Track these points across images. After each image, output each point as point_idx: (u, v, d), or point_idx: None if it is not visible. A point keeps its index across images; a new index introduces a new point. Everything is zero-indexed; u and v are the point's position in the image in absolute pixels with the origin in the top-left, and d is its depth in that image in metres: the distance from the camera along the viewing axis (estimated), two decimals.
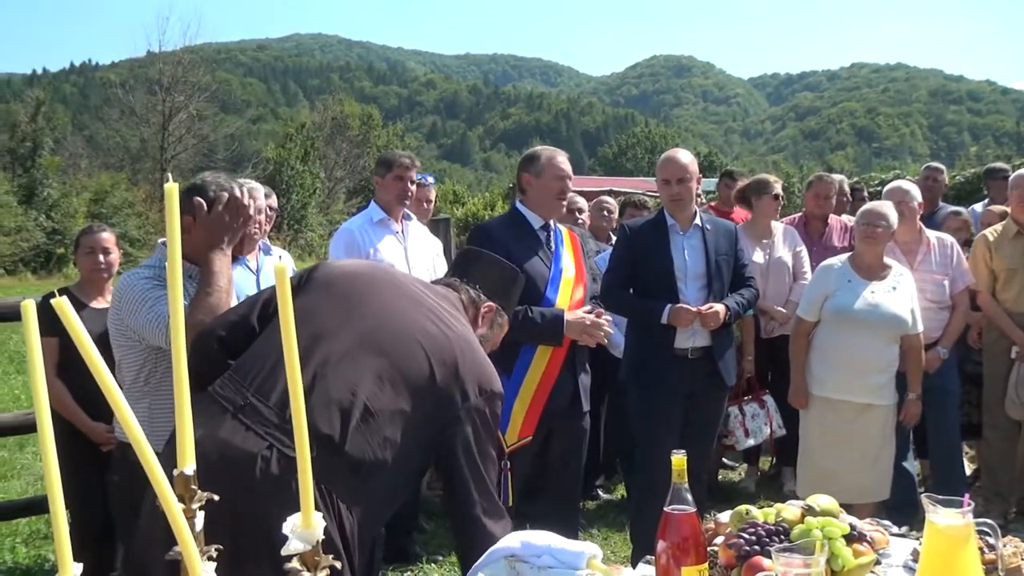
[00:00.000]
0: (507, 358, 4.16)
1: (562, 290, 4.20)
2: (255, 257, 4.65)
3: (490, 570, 2.10)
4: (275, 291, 1.78)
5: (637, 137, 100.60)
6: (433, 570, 5.19)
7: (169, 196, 1.13)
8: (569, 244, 4.35)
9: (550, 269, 4.22)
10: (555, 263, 4.24)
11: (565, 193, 4.30)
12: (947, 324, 5.33)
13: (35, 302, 0.99)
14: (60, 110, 53.86)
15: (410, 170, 5.08)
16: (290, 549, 1.18)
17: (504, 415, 4.15)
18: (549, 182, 4.24)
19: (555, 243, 4.29)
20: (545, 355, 4.15)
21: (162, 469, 1.06)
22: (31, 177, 36.58)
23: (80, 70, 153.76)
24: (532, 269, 4.16)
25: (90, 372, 1.00)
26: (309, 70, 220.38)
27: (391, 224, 5.08)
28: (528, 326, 4.06)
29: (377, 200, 5.15)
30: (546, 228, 4.30)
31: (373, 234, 5.00)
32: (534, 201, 4.30)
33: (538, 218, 4.28)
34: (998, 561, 2.09)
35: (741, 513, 2.27)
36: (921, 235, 5.38)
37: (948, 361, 5.34)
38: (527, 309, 4.07)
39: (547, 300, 4.15)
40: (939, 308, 5.30)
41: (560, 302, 4.17)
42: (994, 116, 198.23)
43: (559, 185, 4.24)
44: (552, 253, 4.26)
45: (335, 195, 52.69)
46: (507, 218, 4.41)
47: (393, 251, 5.01)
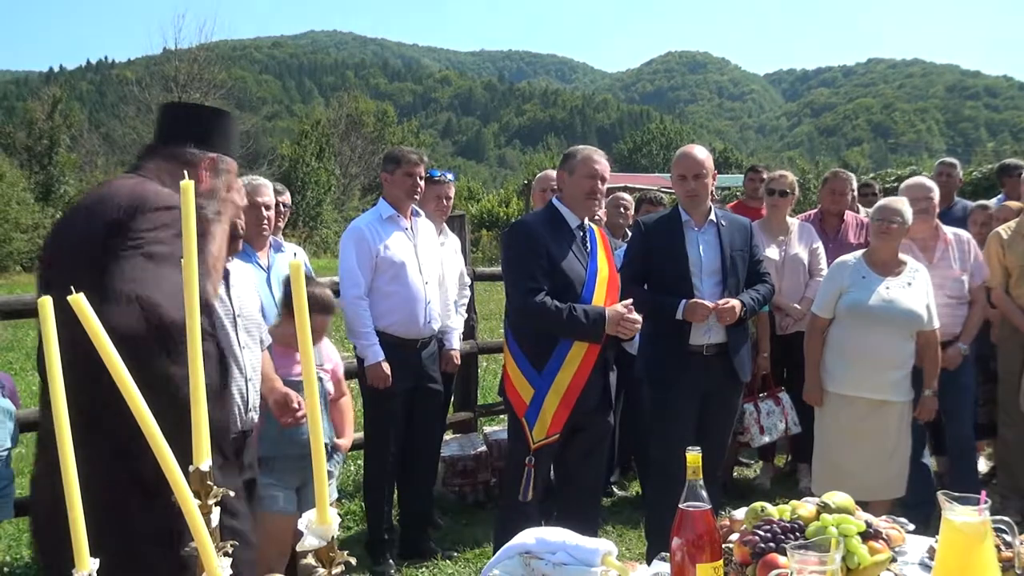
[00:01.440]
0: (540, 356, 4.16)
1: (597, 291, 4.20)
2: (266, 255, 4.67)
3: (505, 566, 2.10)
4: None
5: (652, 133, 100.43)
6: (448, 566, 5.19)
7: (185, 193, 1.14)
8: (602, 244, 4.35)
9: (586, 269, 4.22)
10: (591, 263, 4.24)
11: (595, 193, 4.25)
12: (966, 319, 5.32)
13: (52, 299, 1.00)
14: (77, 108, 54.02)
15: (418, 166, 5.08)
16: (305, 545, 1.19)
17: (534, 412, 4.15)
18: (580, 180, 4.24)
19: (590, 243, 4.29)
20: (580, 353, 4.13)
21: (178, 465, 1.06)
22: (48, 174, 36.76)
23: (96, 68, 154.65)
24: (570, 270, 4.16)
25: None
26: (324, 67, 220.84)
27: (400, 220, 5.08)
28: (574, 324, 4.06)
29: (386, 197, 5.15)
30: (582, 227, 4.29)
31: (382, 231, 5.00)
32: (568, 199, 4.30)
33: (574, 217, 4.28)
34: (1015, 559, 2.09)
35: (756, 510, 2.27)
36: (938, 231, 5.35)
37: (965, 357, 5.33)
38: (571, 307, 4.07)
39: (584, 301, 4.14)
40: (958, 304, 5.29)
41: (595, 303, 4.16)
42: (1012, 112, 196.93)
43: (590, 184, 4.22)
44: (589, 253, 4.26)
45: (350, 192, 52.76)
46: (544, 214, 4.39)
47: (403, 247, 5.02)
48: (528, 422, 4.16)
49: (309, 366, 1.16)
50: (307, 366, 1.16)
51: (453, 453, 6.22)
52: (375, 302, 4.95)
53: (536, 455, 4.17)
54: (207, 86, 44.86)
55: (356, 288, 4.92)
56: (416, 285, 5.02)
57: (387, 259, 4.95)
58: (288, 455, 3.92)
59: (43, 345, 1.04)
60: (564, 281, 4.14)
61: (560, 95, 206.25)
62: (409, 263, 5.01)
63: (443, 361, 5.36)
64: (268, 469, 3.84)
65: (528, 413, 4.16)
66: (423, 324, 5.06)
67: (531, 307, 4.10)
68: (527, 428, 4.17)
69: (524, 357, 4.20)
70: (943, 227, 5.40)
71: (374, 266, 4.94)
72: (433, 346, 5.23)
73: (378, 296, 4.96)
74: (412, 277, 5.01)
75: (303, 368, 1.17)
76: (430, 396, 5.18)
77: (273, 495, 3.88)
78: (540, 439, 4.15)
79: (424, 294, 5.05)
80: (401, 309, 4.99)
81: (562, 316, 4.06)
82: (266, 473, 3.82)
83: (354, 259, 4.94)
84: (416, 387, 5.09)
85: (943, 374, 5.07)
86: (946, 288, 5.20)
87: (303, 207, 43.02)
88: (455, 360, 5.49)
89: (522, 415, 4.18)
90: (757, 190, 7.04)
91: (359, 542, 5.27)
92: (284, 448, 3.89)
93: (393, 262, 4.95)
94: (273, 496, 3.89)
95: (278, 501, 3.92)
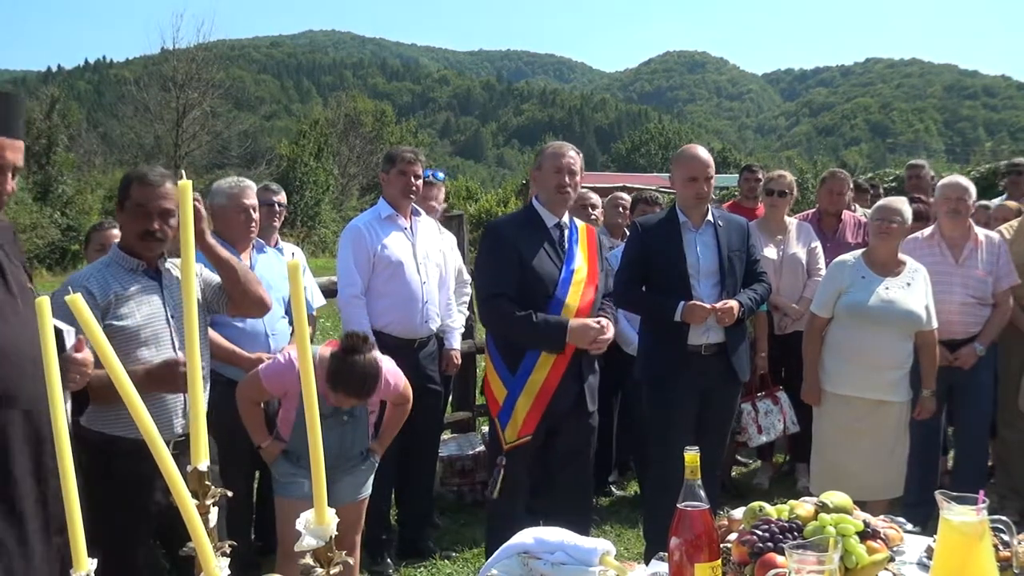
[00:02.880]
0: (514, 357, 4.17)
1: (572, 290, 4.19)
2: (248, 256, 4.67)
3: (503, 566, 2.10)
4: None
5: (651, 133, 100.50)
6: (446, 566, 5.19)
7: (183, 192, 1.13)
8: (584, 241, 4.33)
9: (561, 269, 4.20)
10: (567, 263, 4.23)
11: (564, 186, 4.24)
12: (987, 321, 5.28)
13: (50, 298, 1.00)
14: (75, 107, 53.89)
15: (413, 164, 5.07)
16: (303, 545, 1.19)
17: (506, 413, 4.17)
18: (548, 175, 4.25)
19: (569, 241, 4.28)
20: (551, 356, 4.16)
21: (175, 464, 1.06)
22: (46, 174, 36.70)
23: (95, 67, 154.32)
24: (541, 268, 4.15)
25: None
26: (322, 67, 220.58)
27: (399, 220, 5.09)
28: (531, 331, 4.07)
29: (384, 196, 5.16)
30: (559, 227, 4.29)
31: (381, 230, 5.00)
32: (542, 196, 4.30)
33: (551, 215, 4.27)
34: (1013, 558, 2.09)
35: (754, 510, 2.27)
36: (970, 232, 5.31)
37: (983, 359, 5.27)
38: (531, 315, 4.07)
39: (556, 300, 4.14)
40: (980, 304, 5.24)
41: (570, 302, 4.16)
42: (1010, 111, 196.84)
43: (557, 178, 4.22)
44: (565, 252, 4.25)
45: (348, 192, 52.74)
46: (520, 215, 4.41)
47: (401, 247, 5.02)
48: (500, 422, 4.19)
49: (307, 365, 1.16)
50: (305, 365, 1.16)
51: (451, 453, 6.22)
52: (372, 301, 4.95)
53: (509, 455, 4.19)
54: (205, 86, 44.85)
55: (353, 287, 4.92)
56: (414, 284, 5.02)
57: (384, 258, 4.95)
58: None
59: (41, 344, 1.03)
60: (535, 280, 4.14)
61: (558, 95, 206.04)
62: (407, 262, 5.01)
63: (443, 361, 5.36)
64: (294, 461, 3.85)
65: (501, 413, 4.19)
66: (420, 324, 5.06)
67: (490, 312, 4.14)
68: (499, 429, 4.20)
69: (500, 358, 4.23)
70: (976, 228, 5.37)
71: (371, 265, 4.94)
72: (432, 346, 5.22)
73: (375, 295, 4.96)
74: (410, 276, 5.01)
75: (301, 370, 1.16)
76: (428, 396, 5.18)
77: (299, 482, 3.83)
78: (512, 440, 4.18)
79: (422, 294, 5.05)
80: (398, 308, 4.99)
81: (522, 323, 4.07)
82: (291, 463, 3.85)
83: (351, 258, 4.94)
84: (414, 387, 5.09)
85: (960, 376, 5.11)
86: (970, 288, 5.19)
87: (301, 207, 42.99)
88: (455, 360, 5.48)
89: (495, 415, 4.21)
90: (753, 190, 7.04)
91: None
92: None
93: (391, 261, 4.95)
94: (299, 483, 3.83)
95: (303, 487, 3.84)
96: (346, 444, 3.90)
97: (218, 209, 4.63)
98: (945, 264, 5.20)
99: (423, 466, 5.38)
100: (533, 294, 4.11)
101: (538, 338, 4.10)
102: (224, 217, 4.62)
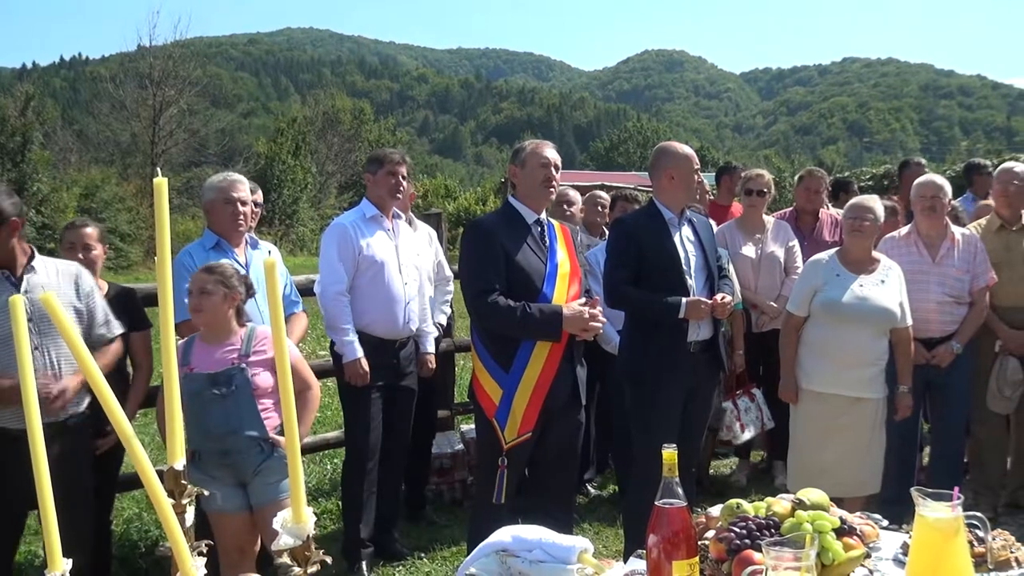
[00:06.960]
0: (506, 355, 4.15)
1: (559, 285, 4.19)
2: (243, 251, 4.68)
3: (481, 564, 2.10)
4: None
5: (629, 132, 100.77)
6: (424, 564, 5.18)
7: (159, 190, 1.13)
8: (562, 239, 4.34)
9: (546, 265, 4.21)
10: (551, 258, 4.23)
11: (550, 181, 4.25)
12: (964, 320, 5.30)
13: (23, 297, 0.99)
14: (50, 104, 53.40)
15: (400, 165, 5.12)
16: (280, 544, 1.18)
17: (504, 412, 4.13)
18: (533, 170, 4.24)
19: (549, 238, 4.28)
20: (544, 350, 4.13)
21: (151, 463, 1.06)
22: (21, 172, 36.36)
23: (70, 64, 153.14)
24: (528, 265, 4.15)
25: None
26: (300, 64, 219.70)
27: (383, 221, 5.10)
28: (527, 322, 4.05)
29: (369, 197, 5.16)
30: (539, 223, 4.29)
31: (365, 229, 5.01)
32: (523, 193, 4.29)
33: (531, 212, 4.27)
34: (987, 554, 2.11)
35: (732, 507, 2.28)
36: (947, 230, 5.33)
37: (960, 357, 5.28)
38: (525, 305, 4.06)
39: (544, 296, 4.14)
40: (956, 303, 5.26)
41: (557, 297, 4.16)
42: (985, 111, 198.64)
43: (543, 173, 4.23)
44: (547, 248, 4.25)
45: (327, 190, 52.59)
46: (500, 213, 4.39)
47: (384, 247, 5.02)
48: (499, 423, 4.15)
49: (284, 363, 1.15)
50: (281, 363, 1.15)
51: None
52: (355, 300, 4.94)
53: (508, 455, 4.16)
54: (182, 83, 44.56)
55: (338, 284, 4.90)
56: (396, 285, 5.01)
57: (368, 258, 4.95)
58: (209, 449, 3.83)
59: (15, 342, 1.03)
60: (522, 277, 4.13)
61: (537, 93, 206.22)
62: (390, 263, 5.01)
63: (418, 365, 5.33)
64: (196, 463, 3.79)
65: (498, 413, 4.14)
66: (402, 324, 5.05)
67: (483, 308, 4.11)
68: (498, 429, 4.15)
69: (491, 358, 4.20)
70: (953, 227, 5.39)
71: (355, 264, 4.93)
72: (411, 346, 5.21)
73: (358, 294, 4.95)
74: (392, 277, 5.01)
75: (278, 367, 1.16)
76: (405, 396, 5.17)
77: (212, 492, 3.70)
78: (512, 439, 4.14)
79: (404, 294, 5.04)
80: (380, 309, 4.98)
81: (515, 315, 4.05)
82: (196, 467, 3.78)
83: (336, 255, 4.93)
84: (392, 386, 5.08)
85: (937, 375, 5.17)
86: (946, 286, 5.20)
87: (279, 205, 42.83)
88: (429, 364, 5.45)
89: (492, 416, 4.16)
90: (730, 189, 7.06)
91: (335, 541, 5.24)
92: (202, 442, 3.82)
93: (374, 261, 4.95)
94: (211, 494, 3.70)
95: (215, 500, 3.77)
96: (232, 421, 3.79)
97: (208, 204, 4.68)
98: (922, 263, 5.22)
99: (391, 466, 5.23)
100: (521, 290, 4.11)
101: (535, 328, 4.08)
102: (213, 211, 4.65)
